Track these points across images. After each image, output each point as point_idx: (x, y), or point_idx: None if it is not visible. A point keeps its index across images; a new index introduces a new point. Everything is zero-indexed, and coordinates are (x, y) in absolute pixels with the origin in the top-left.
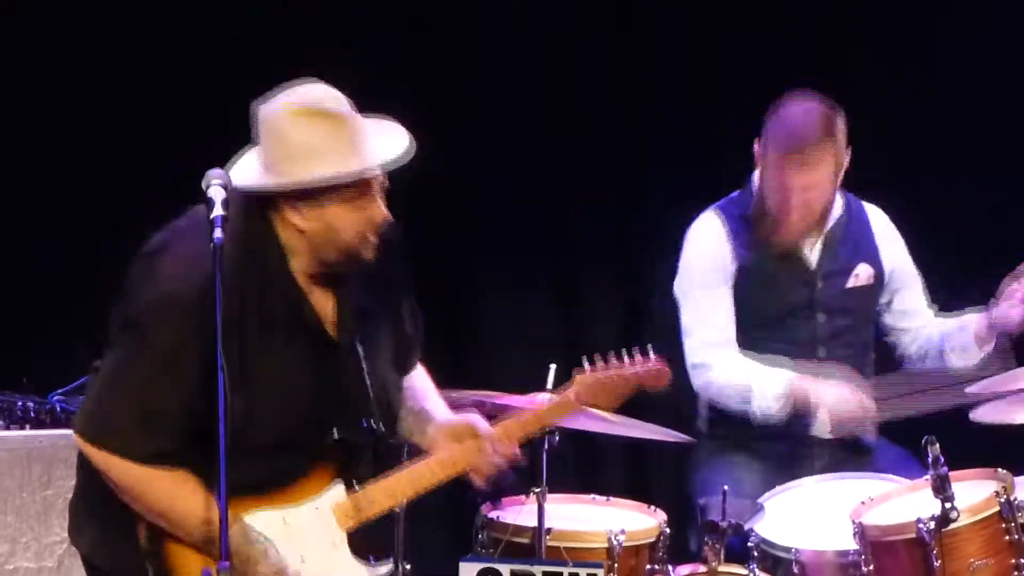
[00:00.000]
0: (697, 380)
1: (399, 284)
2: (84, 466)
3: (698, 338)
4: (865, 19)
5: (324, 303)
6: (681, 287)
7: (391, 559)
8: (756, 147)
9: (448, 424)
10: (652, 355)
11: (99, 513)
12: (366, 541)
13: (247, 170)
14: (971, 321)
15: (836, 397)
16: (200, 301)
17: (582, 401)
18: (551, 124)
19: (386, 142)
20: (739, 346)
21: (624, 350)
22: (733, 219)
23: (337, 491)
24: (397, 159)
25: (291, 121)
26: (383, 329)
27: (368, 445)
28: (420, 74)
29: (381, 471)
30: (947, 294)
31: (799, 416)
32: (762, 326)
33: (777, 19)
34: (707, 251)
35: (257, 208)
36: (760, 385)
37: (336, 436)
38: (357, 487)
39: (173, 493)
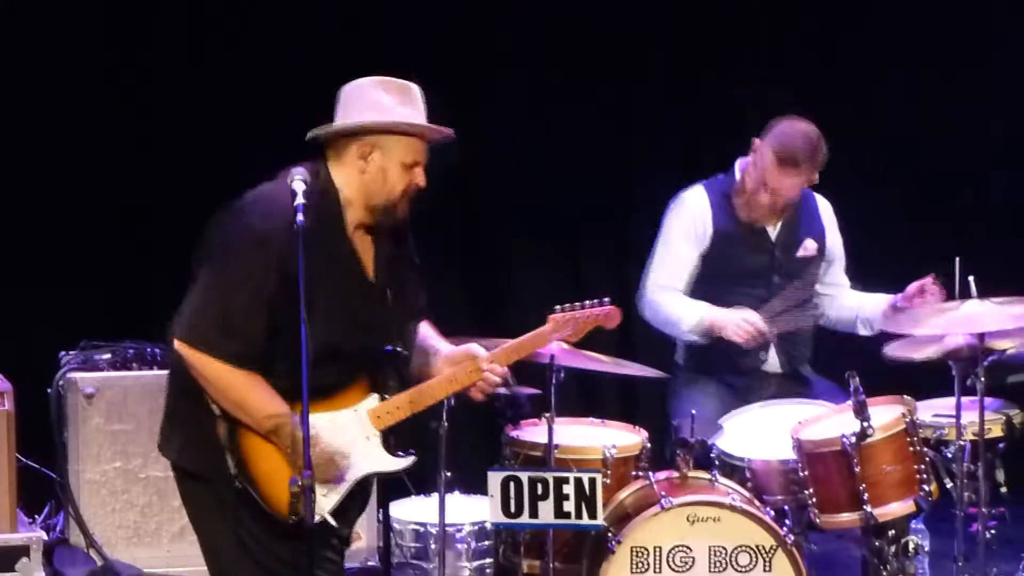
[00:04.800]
0: (644, 312)
1: (411, 255)
2: (171, 388)
3: (652, 279)
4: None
5: (365, 252)
6: (660, 236)
7: (414, 453)
8: (756, 141)
9: (451, 352)
10: (607, 301)
11: (183, 425)
12: (396, 439)
13: (330, 127)
14: (881, 303)
15: (735, 325)
16: (273, 240)
17: (553, 334)
18: (561, 108)
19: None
20: (711, 296)
21: (588, 299)
22: (716, 194)
23: (371, 399)
24: (447, 136)
25: (373, 86)
26: (402, 279)
27: (394, 365)
28: (436, 64)
29: (404, 386)
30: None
31: (747, 352)
32: (732, 280)
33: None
34: (688, 216)
35: (325, 170)
36: (682, 318)
37: (371, 357)
38: (387, 397)
39: (248, 389)
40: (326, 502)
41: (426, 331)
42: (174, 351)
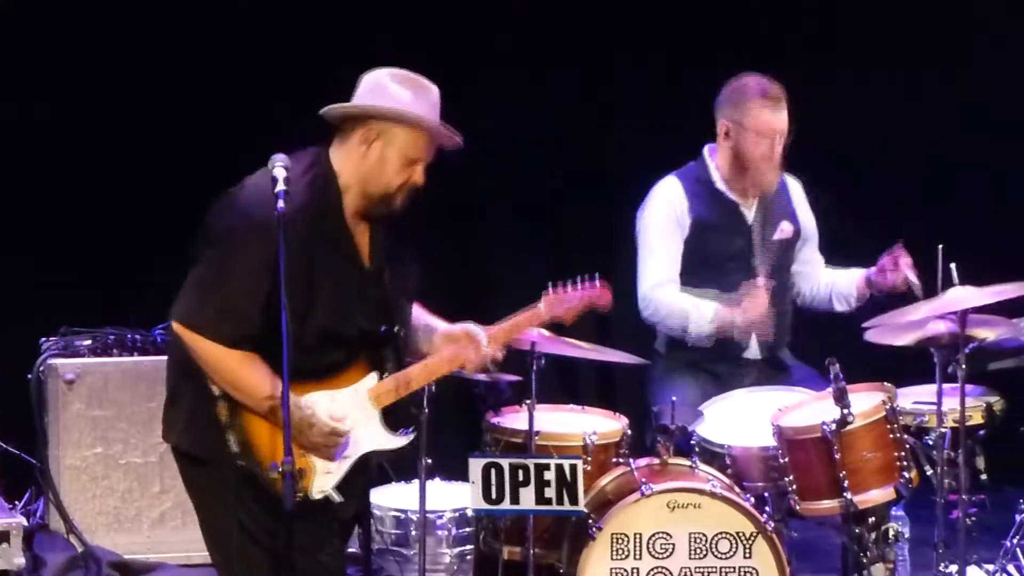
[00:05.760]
0: (645, 312)
1: (408, 240)
2: (171, 371)
3: (648, 277)
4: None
5: (362, 238)
6: (641, 234)
7: (412, 431)
8: (722, 122)
9: (448, 331)
10: (597, 279)
11: (184, 407)
12: (395, 417)
13: (341, 106)
14: (855, 277)
15: (747, 313)
16: (271, 229)
17: (547, 314)
18: (547, 103)
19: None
20: (692, 284)
21: (578, 277)
22: (690, 182)
23: (371, 378)
24: (455, 142)
25: (391, 78)
26: (399, 262)
27: (392, 345)
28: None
29: (401, 365)
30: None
31: (727, 338)
32: (712, 267)
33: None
34: (666, 207)
35: (326, 155)
36: (695, 314)
37: (370, 339)
38: (385, 376)
39: (244, 369)
40: (328, 479)
41: (420, 312)
42: (173, 334)
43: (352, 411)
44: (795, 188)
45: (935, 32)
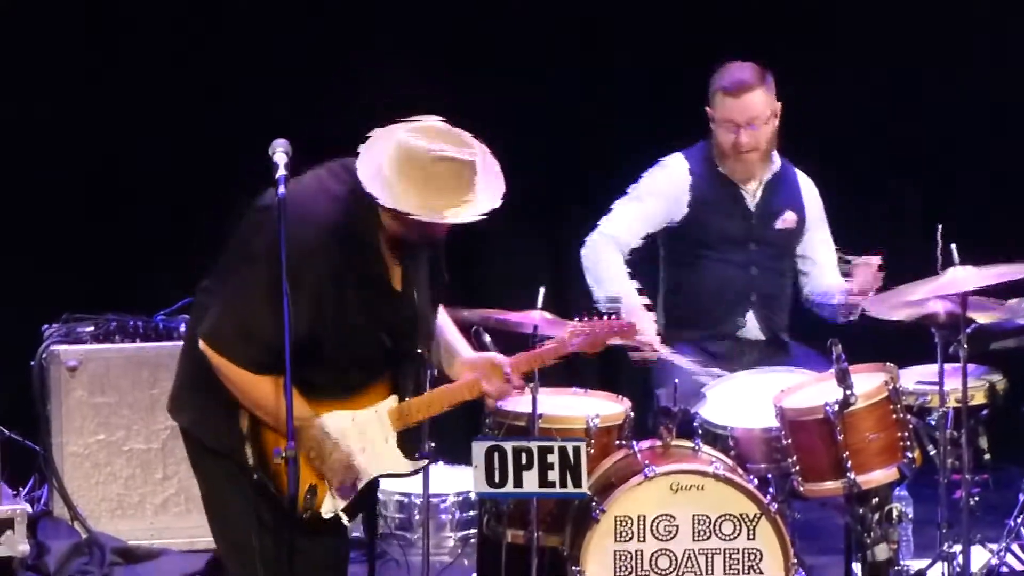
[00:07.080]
0: (584, 250)
1: (440, 249)
2: (193, 357)
3: (605, 225)
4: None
5: (393, 265)
6: (631, 189)
7: (429, 455)
8: (708, 110)
9: (471, 359)
10: (624, 318)
11: (203, 398)
12: (411, 441)
13: (370, 169)
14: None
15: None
16: (306, 254)
17: (572, 346)
18: (543, 88)
19: (470, 206)
20: (688, 262)
21: (606, 314)
22: (696, 161)
23: (391, 400)
24: (464, 219)
25: (396, 157)
26: (428, 281)
27: (415, 367)
28: (436, 64)
29: (421, 387)
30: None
31: (724, 318)
32: (710, 247)
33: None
34: (664, 184)
35: (368, 195)
36: (605, 282)
37: (393, 359)
38: (406, 398)
39: (267, 394)
40: (340, 501)
41: (446, 324)
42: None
43: (372, 432)
44: (805, 183)
45: (935, 32)
